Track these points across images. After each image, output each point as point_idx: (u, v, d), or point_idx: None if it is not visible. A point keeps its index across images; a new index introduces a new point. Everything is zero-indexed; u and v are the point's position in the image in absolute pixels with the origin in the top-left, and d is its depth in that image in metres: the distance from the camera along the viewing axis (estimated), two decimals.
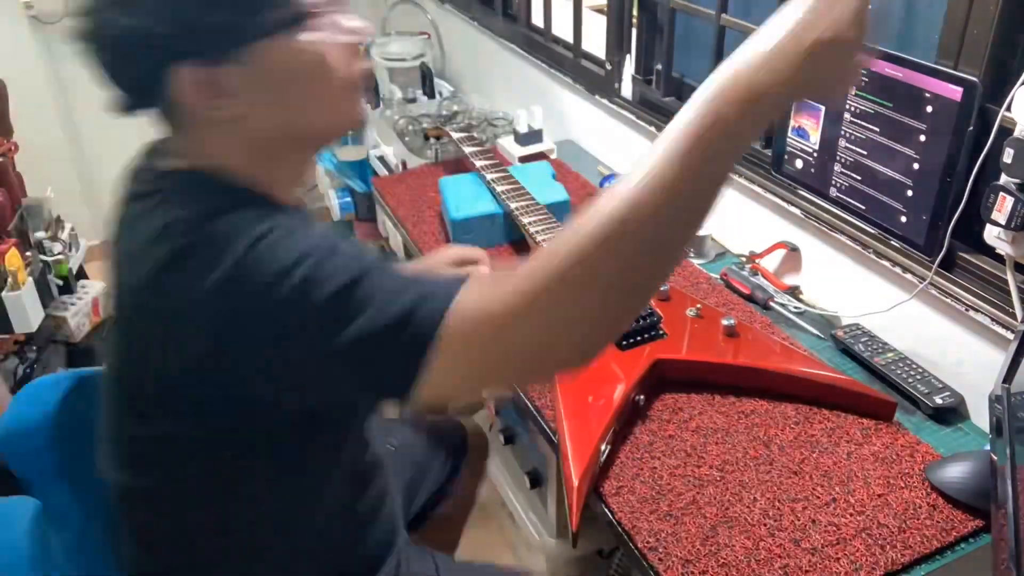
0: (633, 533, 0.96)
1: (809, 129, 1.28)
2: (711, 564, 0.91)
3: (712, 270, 1.46)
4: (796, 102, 0.93)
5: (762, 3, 1.47)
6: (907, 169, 1.13)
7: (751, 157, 1.47)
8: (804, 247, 1.40)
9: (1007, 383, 0.85)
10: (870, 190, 1.20)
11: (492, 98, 2.45)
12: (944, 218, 1.09)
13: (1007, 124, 0.99)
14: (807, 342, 1.27)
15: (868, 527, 0.95)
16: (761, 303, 1.36)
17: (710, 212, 0.63)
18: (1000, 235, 1.01)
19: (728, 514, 0.98)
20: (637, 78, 1.77)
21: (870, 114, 1.16)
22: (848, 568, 0.90)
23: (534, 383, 1.15)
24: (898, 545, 0.93)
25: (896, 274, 1.21)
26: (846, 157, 1.23)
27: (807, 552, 0.92)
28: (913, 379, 1.16)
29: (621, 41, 1.78)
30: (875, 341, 1.24)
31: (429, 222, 1.65)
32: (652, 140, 1.73)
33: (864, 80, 1.15)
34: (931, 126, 1.08)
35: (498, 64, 2.37)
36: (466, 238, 1.53)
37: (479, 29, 2.41)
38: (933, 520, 0.96)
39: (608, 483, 1.03)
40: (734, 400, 1.15)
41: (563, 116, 2.08)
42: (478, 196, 1.57)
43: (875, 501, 0.98)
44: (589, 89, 1.91)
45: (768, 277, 1.42)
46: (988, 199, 0.99)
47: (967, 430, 1.11)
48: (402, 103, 2.36)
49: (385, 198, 1.77)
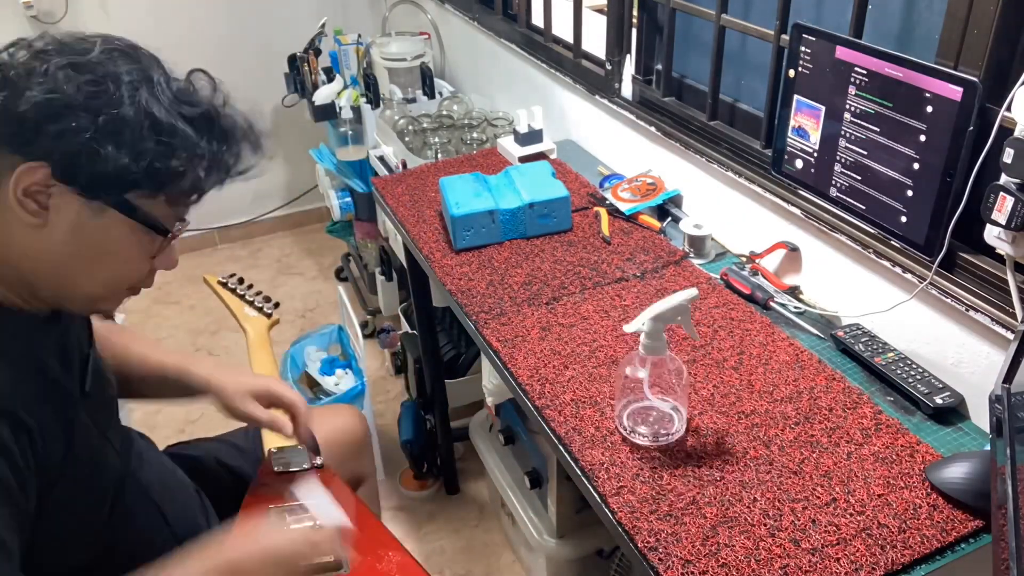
0: (633, 533, 0.96)
1: (809, 129, 1.28)
2: (711, 564, 0.91)
3: (712, 270, 1.46)
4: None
5: (762, 3, 1.47)
6: (907, 169, 1.13)
7: (751, 157, 1.47)
8: (804, 247, 1.40)
9: (1007, 383, 0.85)
10: (870, 190, 1.20)
11: (492, 98, 2.45)
12: (944, 218, 1.09)
13: (1007, 124, 0.99)
14: (807, 342, 1.27)
15: (868, 527, 0.95)
16: (761, 303, 1.36)
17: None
18: (1000, 235, 1.01)
19: (728, 514, 0.98)
20: (637, 78, 1.77)
21: (870, 114, 1.16)
22: (848, 568, 0.90)
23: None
24: (898, 545, 0.93)
25: (896, 274, 1.21)
26: (846, 157, 1.23)
27: (807, 552, 0.92)
28: (913, 379, 1.16)
29: (621, 41, 1.78)
30: (875, 341, 1.24)
31: (429, 222, 1.65)
32: (652, 140, 1.74)
33: (864, 81, 1.16)
34: (931, 126, 1.08)
35: (498, 64, 2.37)
36: (466, 235, 1.53)
37: (479, 29, 2.41)
38: (933, 520, 0.96)
39: (608, 483, 1.03)
40: (734, 400, 1.15)
41: (563, 116, 2.08)
42: (478, 194, 1.57)
43: (875, 501, 0.98)
44: (589, 89, 1.91)
45: (768, 277, 1.42)
46: (988, 199, 0.99)
47: (967, 430, 1.11)
48: (402, 103, 2.36)
49: (385, 198, 1.77)
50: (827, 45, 1.20)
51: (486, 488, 2.15)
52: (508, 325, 1.33)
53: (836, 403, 1.14)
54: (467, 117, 2.24)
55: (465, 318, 1.38)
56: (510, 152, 1.88)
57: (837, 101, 1.21)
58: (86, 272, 0.85)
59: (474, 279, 1.46)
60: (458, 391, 2.14)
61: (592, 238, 1.57)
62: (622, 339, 1.28)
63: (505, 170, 1.67)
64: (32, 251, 0.82)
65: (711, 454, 1.06)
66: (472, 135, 2.18)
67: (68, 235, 0.81)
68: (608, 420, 1.12)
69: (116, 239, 0.83)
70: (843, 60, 1.18)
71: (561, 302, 1.38)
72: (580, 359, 1.25)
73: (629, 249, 1.52)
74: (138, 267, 0.88)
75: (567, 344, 1.28)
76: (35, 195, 0.78)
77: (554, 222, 1.58)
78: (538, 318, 1.34)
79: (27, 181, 0.77)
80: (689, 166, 1.63)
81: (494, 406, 1.78)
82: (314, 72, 2.63)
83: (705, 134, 1.58)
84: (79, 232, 0.81)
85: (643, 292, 1.40)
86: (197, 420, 2.42)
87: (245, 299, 1.56)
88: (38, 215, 0.79)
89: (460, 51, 2.65)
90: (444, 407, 2.07)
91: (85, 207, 0.80)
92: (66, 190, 0.79)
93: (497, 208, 1.54)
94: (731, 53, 1.53)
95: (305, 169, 3.24)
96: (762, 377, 1.19)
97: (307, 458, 1.22)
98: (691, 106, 1.65)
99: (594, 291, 1.41)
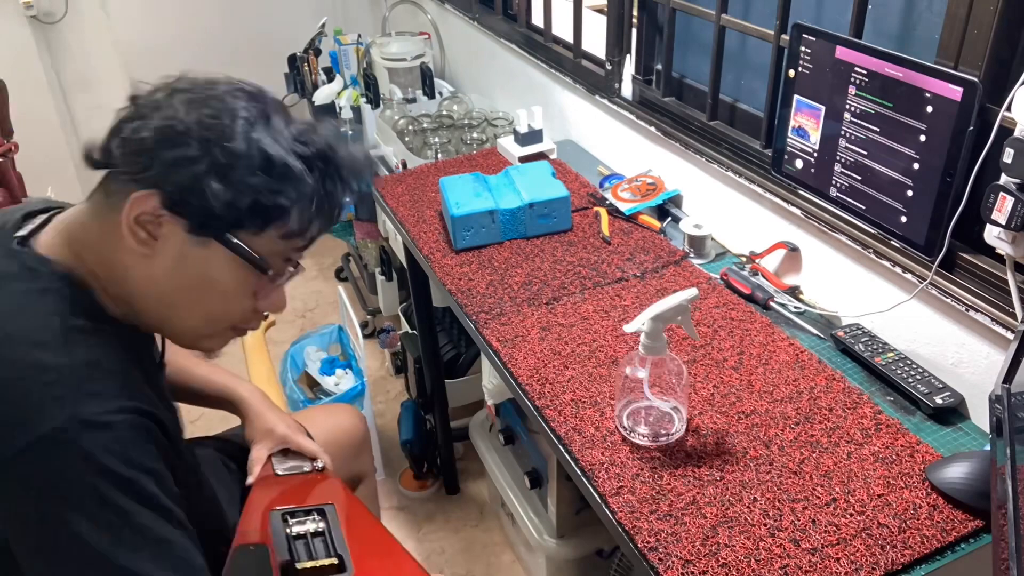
0: (633, 533, 0.96)
1: (809, 129, 1.28)
2: (711, 564, 0.91)
3: (712, 270, 1.46)
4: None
5: (762, 3, 1.47)
6: (907, 169, 1.13)
7: (751, 157, 1.48)
8: (804, 247, 1.40)
9: (1007, 383, 0.84)
10: (870, 190, 1.20)
11: (492, 98, 2.45)
12: (944, 218, 1.09)
13: (1007, 124, 0.99)
14: (807, 342, 1.27)
15: (868, 527, 0.95)
16: (761, 303, 1.36)
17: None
18: (1000, 235, 1.01)
19: (728, 514, 0.98)
20: (637, 78, 1.77)
21: (870, 114, 1.16)
22: (848, 568, 0.90)
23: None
24: (898, 545, 0.93)
25: (896, 274, 1.21)
26: (846, 157, 1.23)
27: (807, 552, 0.92)
28: (913, 379, 1.16)
29: (621, 41, 1.78)
30: (875, 341, 1.24)
31: (429, 222, 1.65)
32: (652, 140, 1.74)
33: (864, 81, 1.16)
34: (931, 126, 1.08)
35: (498, 64, 2.37)
36: (466, 235, 1.53)
37: (479, 29, 2.41)
38: (933, 520, 0.96)
39: (608, 483, 1.03)
40: (734, 400, 1.15)
41: (563, 116, 2.08)
42: (478, 194, 1.57)
43: (875, 501, 0.98)
44: (589, 89, 1.91)
45: (768, 277, 1.42)
46: (988, 199, 0.99)
47: (967, 430, 1.11)
48: (402, 103, 2.36)
49: (385, 198, 1.77)
50: (827, 45, 1.20)
51: (486, 488, 2.15)
52: (508, 325, 1.33)
53: (836, 403, 1.14)
54: (467, 117, 2.24)
55: (465, 318, 1.38)
56: (510, 152, 1.88)
57: (837, 101, 1.21)
58: (187, 304, 0.85)
59: (474, 279, 1.46)
60: (458, 391, 2.14)
61: (592, 238, 1.57)
62: (622, 339, 1.28)
63: (505, 170, 1.67)
64: (139, 279, 0.83)
65: (711, 454, 1.06)
66: (472, 135, 2.18)
67: (172, 265, 0.82)
68: (608, 420, 1.12)
69: (218, 272, 0.83)
70: (843, 60, 1.18)
71: (561, 302, 1.38)
72: (580, 359, 1.25)
73: (629, 249, 1.52)
74: (240, 304, 0.88)
75: (567, 344, 1.28)
76: (146, 224, 0.79)
77: (554, 222, 1.58)
78: (538, 318, 1.34)
79: (139, 209, 0.78)
80: (689, 166, 1.63)
81: (494, 406, 1.78)
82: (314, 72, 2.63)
83: (705, 134, 1.58)
84: (182, 262, 0.82)
85: (643, 292, 1.40)
86: (197, 420, 2.42)
87: None
88: (147, 244, 0.80)
89: (460, 51, 2.65)
90: (444, 407, 2.07)
91: (190, 238, 0.81)
92: (174, 220, 0.79)
93: (497, 208, 1.54)
94: (731, 53, 1.53)
95: None
96: (762, 377, 1.19)
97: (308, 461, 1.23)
98: (691, 106, 1.65)
99: (594, 291, 1.41)
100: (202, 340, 0.91)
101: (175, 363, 1.25)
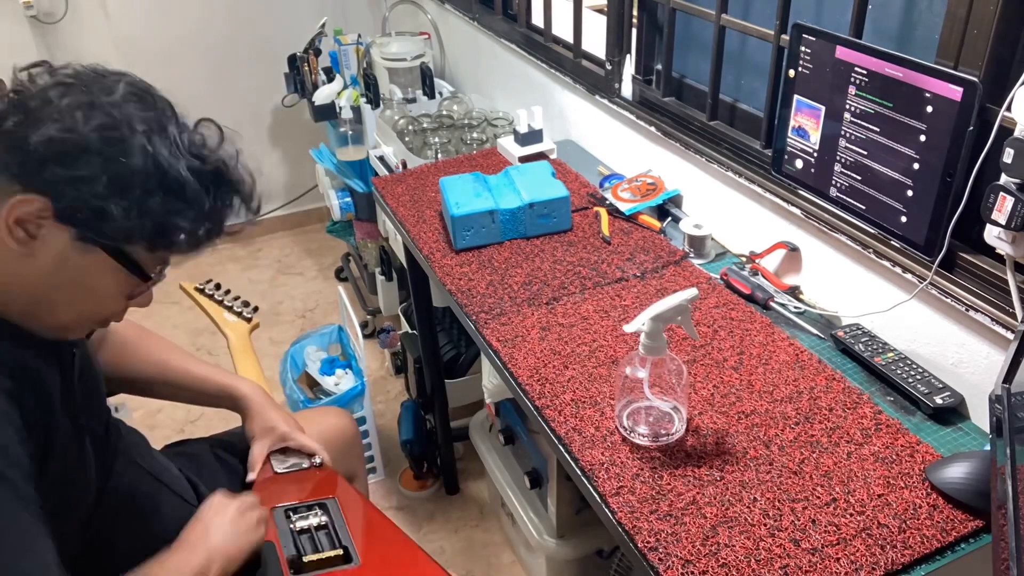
0: (633, 533, 0.96)
1: (809, 129, 1.28)
2: (711, 564, 0.91)
3: (712, 270, 1.46)
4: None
5: (762, 3, 1.47)
6: (907, 169, 1.13)
7: (751, 157, 1.48)
8: (804, 247, 1.40)
9: (1007, 383, 0.84)
10: (870, 190, 1.20)
11: (492, 98, 2.45)
12: (944, 218, 1.09)
13: (1007, 124, 0.99)
14: (807, 342, 1.27)
15: (868, 527, 0.95)
16: (761, 303, 1.36)
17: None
18: (1000, 235, 1.01)
19: (728, 514, 0.98)
20: (637, 78, 1.77)
21: (870, 114, 1.16)
22: (848, 568, 0.90)
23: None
24: (898, 545, 0.93)
25: (896, 274, 1.21)
26: (846, 157, 1.23)
27: (807, 552, 0.92)
28: (913, 379, 1.16)
29: (621, 41, 1.78)
30: (875, 341, 1.24)
31: (429, 222, 1.65)
32: (652, 140, 1.74)
33: (864, 81, 1.16)
34: (931, 126, 1.08)
35: (498, 64, 2.37)
36: (466, 235, 1.53)
37: (479, 29, 2.41)
38: (933, 520, 0.96)
39: (608, 483, 1.03)
40: (734, 400, 1.15)
41: (563, 116, 2.08)
42: (478, 194, 1.57)
43: (875, 501, 0.98)
44: (589, 89, 1.91)
45: (768, 277, 1.42)
46: (988, 199, 0.99)
47: (967, 430, 1.11)
48: (402, 103, 2.36)
49: (385, 198, 1.77)
50: (827, 45, 1.20)
51: (486, 488, 2.15)
52: (508, 325, 1.33)
53: (836, 403, 1.14)
54: (467, 117, 2.24)
55: (465, 318, 1.38)
56: (510, 152, 1.88)
57: (837, 101, 1.21)
58: (62, 303, 0.85)
59: (474, 279, 1.46)
60: (458, 391, 2.14)
61: (592, 238, 1.57)
62: (622, 339, 1.28)
63: (505, 170, 1.67)
64: (10, 275, 0.82)
65: (711, 454, 1.06)
66: (472, 135, 2.18)
67: (51, 266, 0.81)
68: (608, 420, 1.12)
69: (98, 277, 0.84)
70: (843, 60, 1.18)
71: (561, 302, 1.38)
72: (580, 359, 1.25)
73: (629, 249, 1.52)
74: (114, 304, 0.89)
75: (567, 344, 1.28)
76: (25, 224, 0.78)
77: (554, 222, 1.58)
78: (538, 318, 1.34)
79: (21, 211, 0.77)
80: (689, 166, 1.63)
81: (494, 406, 1.78)
82: (314, 72, 2.63)
83: (705, 134, 1.58)
84: (62, 265, 0.82)
85: (643, 292, 1.40)
86: (197, 420, 2.42)
87: (223, 304, 1.56)
88: (25, 244, 0.79)
89: (460, 51, 2.65)
90: (444, 407, 2.07)
91: (75, 244, 0.80)
92: (59, 226, 0.79)
93: (497, 208, 1.54)
94: (731, 53, 1.53)
95: (305, 169, 3.24)
96: (762, 377, 1.19)
97: (306, 458, 1.23)
98: (691, 106, 1.65)
99: (594, 291, 1.41)
100: (67, 332, 0.91)
101: (172, 363, 1.26)
